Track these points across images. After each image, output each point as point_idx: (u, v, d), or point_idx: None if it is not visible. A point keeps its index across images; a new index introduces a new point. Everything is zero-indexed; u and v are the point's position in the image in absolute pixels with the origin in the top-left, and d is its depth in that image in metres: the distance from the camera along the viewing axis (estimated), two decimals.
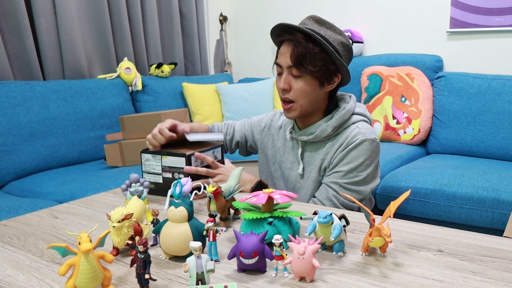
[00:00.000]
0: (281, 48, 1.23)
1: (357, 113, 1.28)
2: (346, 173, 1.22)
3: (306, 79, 1.19)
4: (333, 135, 1.26)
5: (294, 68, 1.18)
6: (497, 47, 2.50)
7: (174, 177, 1.19)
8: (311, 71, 1.17)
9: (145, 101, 2.70)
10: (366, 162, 1.22)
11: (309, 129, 1.27)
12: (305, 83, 1.19)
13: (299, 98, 1.21)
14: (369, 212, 0.79)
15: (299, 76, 1.19)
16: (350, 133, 1.23)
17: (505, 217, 1.73)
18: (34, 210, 1.57)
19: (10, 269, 0.80)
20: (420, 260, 0.79)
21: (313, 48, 1.16)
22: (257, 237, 0.73)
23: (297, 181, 1.33)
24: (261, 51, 3.45)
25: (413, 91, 2.50)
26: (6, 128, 2.04)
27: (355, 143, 1.21)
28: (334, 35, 1.20)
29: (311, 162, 1.29)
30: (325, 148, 1.26)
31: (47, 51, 2.38)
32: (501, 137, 2.24)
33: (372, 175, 1.25)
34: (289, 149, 1.35)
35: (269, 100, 2.92)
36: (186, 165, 1.16)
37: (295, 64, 1.18)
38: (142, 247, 0.67)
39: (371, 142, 1.22)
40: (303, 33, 1.18)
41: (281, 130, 1.40)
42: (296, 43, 1.17)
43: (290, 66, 1.19)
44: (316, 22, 1.22)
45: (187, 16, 3.15)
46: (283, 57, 1.21)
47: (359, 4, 2.93)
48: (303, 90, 1.20)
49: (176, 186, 0.82)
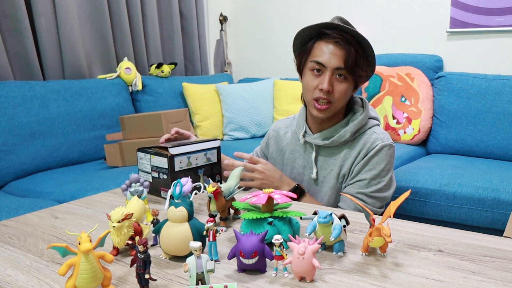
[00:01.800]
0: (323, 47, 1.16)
1: (372, 117, 1.27)
2: (370, 181, 1.21)
3: (350, 82, 1.18)
4: (350, 140, 1.24)
5: (344, 70, 1.15)
6: (497, 47, 2.50)
7: (160, 177, 1.17)
8: (359, 75, 1.16)
9: (145, 101, 2.70)
10: (386, 167, 1.22)
11: (325, 133, 1.25)
12: (348, 85, 1.18)
13: (339, 100, 1.19)
14: (369, 212, 0.79)
15: (344, 79, 1.17)
16: (368, 139, 1.22)
17: (505, 217, 1.73)
18: (34, 210, 1.57)
19: (10, 269, 0.80)
20: (420, 260, 0.79)
21: (363, 53, 1.15)
22: (257, 237, 0.73)
23: (311, 186, 1.31)
24: (261, 51, 3.45)
25: (413, 91, 2.50)
26: (6, 128, 2.04)
27: (376, 149, 1.20)
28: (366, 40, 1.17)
29: (326, 167, 1.27)
30: (343, 154, 1.24)
31: (47, 51, 2.38)
32: (501, 137, 2.24)
33: (391, 179, 1.25)
34: (300, 154, 1.33)
35: (269, 100, 2.92)
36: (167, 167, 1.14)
37: (347, 67, 1.14)
38: (142, 247, 0.67)
39: (390, 147, 1.22)
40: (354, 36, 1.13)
41: (288, 135, 1.38)
42: (348, 45, 1.13)
43: (340, 68, 1.15)
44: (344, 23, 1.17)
45: (187, 16, 3.15)
46: (330, 57, 1.15)
47: (359, 4, 2.93)
48: (345, 93, 1.18)
49: (176, 186, 0.82)
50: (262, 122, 2.89)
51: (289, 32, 3.26)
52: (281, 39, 3.32)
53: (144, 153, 1.21)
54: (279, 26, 3.31)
